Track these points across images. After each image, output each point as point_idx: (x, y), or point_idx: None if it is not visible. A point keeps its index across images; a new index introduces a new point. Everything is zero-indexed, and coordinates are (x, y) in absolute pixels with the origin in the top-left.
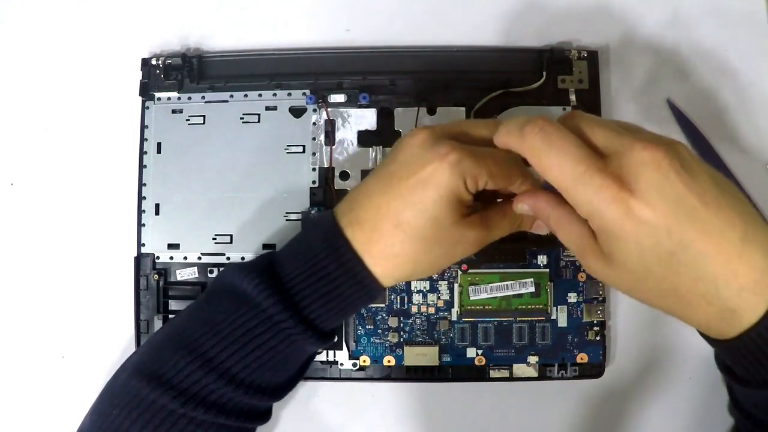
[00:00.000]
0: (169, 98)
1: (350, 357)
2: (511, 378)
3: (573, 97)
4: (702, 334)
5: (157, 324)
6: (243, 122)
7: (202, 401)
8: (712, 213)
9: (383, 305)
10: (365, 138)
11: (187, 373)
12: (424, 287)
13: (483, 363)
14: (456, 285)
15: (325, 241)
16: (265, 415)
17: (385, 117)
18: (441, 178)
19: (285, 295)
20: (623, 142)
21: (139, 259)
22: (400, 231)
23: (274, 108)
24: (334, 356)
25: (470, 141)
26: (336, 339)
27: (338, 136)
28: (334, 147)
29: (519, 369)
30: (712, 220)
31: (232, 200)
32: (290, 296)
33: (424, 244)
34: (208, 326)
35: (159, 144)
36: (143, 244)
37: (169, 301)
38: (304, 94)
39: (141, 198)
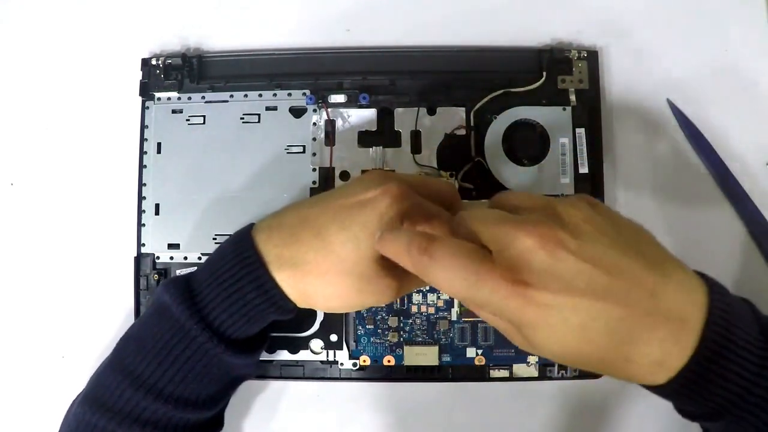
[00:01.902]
0: (169, 98)
1: (350, 357)
2: (511, 378)
3: (573, 97)
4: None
5: None
6: (243, 122)
7: (137, 419)
8: (613, 277)
9: (383, 305)
10: (365, 138)
11: (119, 393)
12: (424, 287)
13: (483, 363)
14: None
15: (234, 245)
16: (210, 426)
17: (385, 117)
18: (379, 205)
19: (194, 302)
20: (506, 232)
21: (139, 259)
22: (318, 240)
23: (274, 108)
24: (334, 356)
25: (422, 194)
26: (258, 355)
27: (338, 136)
28: (334, 147)
29: (519, 369)
30: (614, 284)
31: (232, 200)
32: (197, 303)
33: (340, 264)
34: (137, 344)
35: (159, 144)
36: (143, 244)
37: None
38: (304, 94)
39: (141, 198)
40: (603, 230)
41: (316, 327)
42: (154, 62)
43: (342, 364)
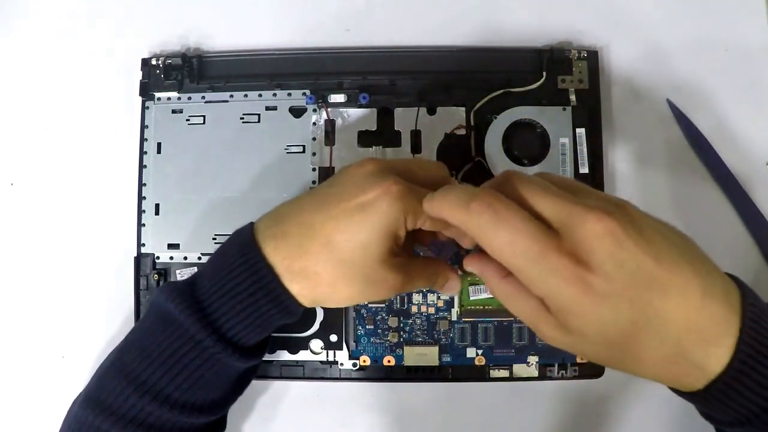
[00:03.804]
0: (169, 98)
1: (350, 357)
2: (511, 378)
3: (573, 97)
4: (670, 388)
5: None
6: (243, 122)
7: (141, 424)
8: (672, 274)
9: (383, 305)
10: (365, 138)
11: (124, 398)
12: (425, 287)
13: (483, 363)
14: None
15: (242, 255)
16: (214, 428)
17: (385, 117)
18: (382, 207)
19: (204, 313)
20: (574, 213)
21: (139, 259)
22: (327, 251)
23: (274, 108)
24: (334, 356)
25: (415, 180)
26: (264, 356)
27: (338, 136)
28: (334, 147)
29: (519, 369)
30: (672, 281)
31: (232, 200)
32: (208, 314)
33: (348, 270)
34: (140, 350)
35: (159, 144)
36: (143, 244)
37: None
38: (304, 94)
39: (141, 198)
40: (659, 230)
41: (316, 327)
42: (154, 62)
43: (342, 364)
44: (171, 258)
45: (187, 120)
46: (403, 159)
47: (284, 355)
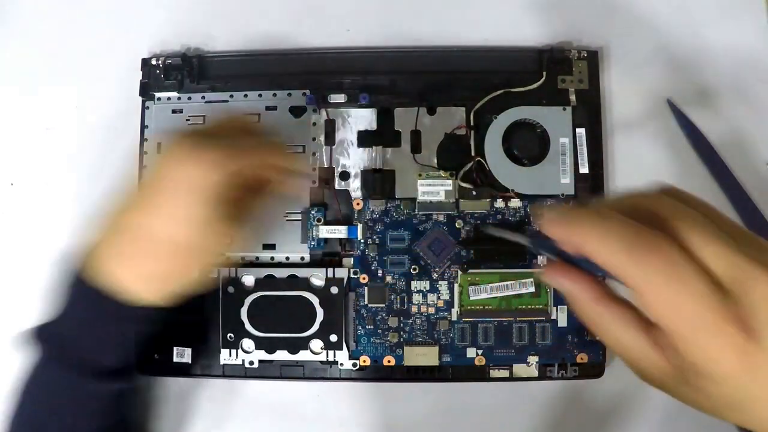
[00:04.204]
0: (169, 98)
1: (350, 357)
2: (511, 378)
3: (573, 97)
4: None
5: None
6: None
7: None
8: None
9: (383, 305)
10: (365, 138)
11: None
12: (424, 287)
13: (483, 363)
14: (456, 285)
15: (80, 293)
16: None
17: (385, 117)
18: (195, 183)
19: (69, 362)
20: (748, 271)
21: None
22: (157, 245)
23: (274, 108)
24: (334, 356)
25: (233, 134)
26: (134, 373)
27: (338, 136)
28: (334, 147)
29: (519, 369)
30: None
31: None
32: (58, 348)
33: (187, 252)
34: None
35: (159, 144)
36: None
37: None
38: (304, 94)
39: None
40: None
41: (316, 327)
42: (154, 62)
43: (342, 364)
44: None
45: (187, 120)
46: (212, 123)
47: (284, 355)
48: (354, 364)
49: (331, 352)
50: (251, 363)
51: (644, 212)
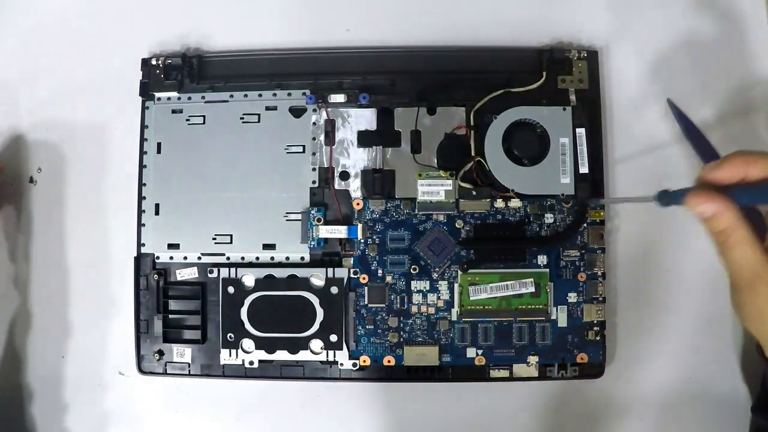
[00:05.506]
0: (169, 98)
1: (350, 357)
2: (511, 378)
3: (573, 97)
4: None
5: (157, 324)
6: (243, 122)
7: None
8: None
9: (383, 305)
10: (365, 138)
11: None
12: (424, 287)
13: (483, 363)
14: (456, 285)
15: None
16: None
17: (385, 117)
18: None
19: None
20: None
21: (139, 259)
22: None
23: (274, 108)
24: (334, 356)
25: None
26: None
27: (338, 136)
28: (334, 147)
29: (519, 369)
30: None
31: (232, 200)
32: None
33: None
34: None
35: (159, 144)
36: (143, 244)
37: (169, 301)
38: (304, 94)
39: (141, 198)
40: None
41: (315, 327)
42: (154, 62)
43: (342, 364)
44: (171, 258)
45: (187, 120)
46: None
47: (284, 355)
48: (354, 364)
49: (331, 352)
50: (251, 363)
51: None
